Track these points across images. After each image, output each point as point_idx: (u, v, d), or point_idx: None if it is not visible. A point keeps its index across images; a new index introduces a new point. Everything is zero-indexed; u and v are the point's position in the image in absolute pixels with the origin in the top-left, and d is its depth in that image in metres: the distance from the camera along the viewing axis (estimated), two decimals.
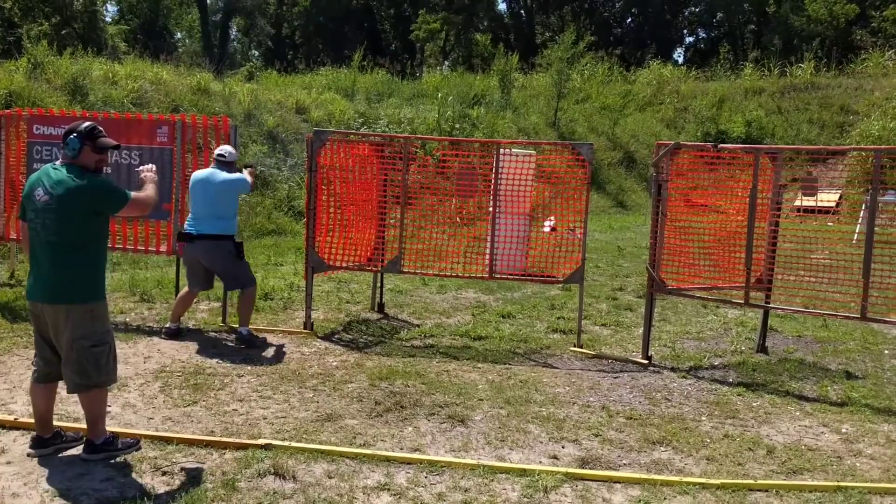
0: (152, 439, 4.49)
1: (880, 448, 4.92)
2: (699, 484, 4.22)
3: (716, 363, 6.79)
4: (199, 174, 6.86)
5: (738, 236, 6.80)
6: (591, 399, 5.69)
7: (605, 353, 7.00)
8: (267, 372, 6.00)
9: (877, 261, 6.03)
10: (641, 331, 6.97)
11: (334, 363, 6.32)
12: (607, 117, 25.56)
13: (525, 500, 3.98)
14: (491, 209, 7.53)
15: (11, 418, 4.71)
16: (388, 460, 4.38)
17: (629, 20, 47.03)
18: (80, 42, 22.18)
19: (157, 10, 38.29)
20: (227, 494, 3.90)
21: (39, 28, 24.02)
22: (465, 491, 4.05)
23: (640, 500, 4.03)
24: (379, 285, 8.44)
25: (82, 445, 4.31)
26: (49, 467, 4.11)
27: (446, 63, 42.25)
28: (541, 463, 4.47)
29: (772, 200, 6.72)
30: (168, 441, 4.46)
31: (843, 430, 5.21)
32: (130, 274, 9.54)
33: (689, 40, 48.22)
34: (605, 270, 11.55)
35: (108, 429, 4.56)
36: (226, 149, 6.91)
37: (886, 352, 7.38)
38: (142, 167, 4.65)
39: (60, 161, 4.21)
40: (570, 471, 4.32)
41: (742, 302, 6.76)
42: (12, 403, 5.05)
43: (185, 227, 6.84)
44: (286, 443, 4.52)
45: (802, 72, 28.58)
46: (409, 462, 4.37)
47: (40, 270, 4.14)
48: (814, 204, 9.33)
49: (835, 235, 8.87)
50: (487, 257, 7.50)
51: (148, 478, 4.04)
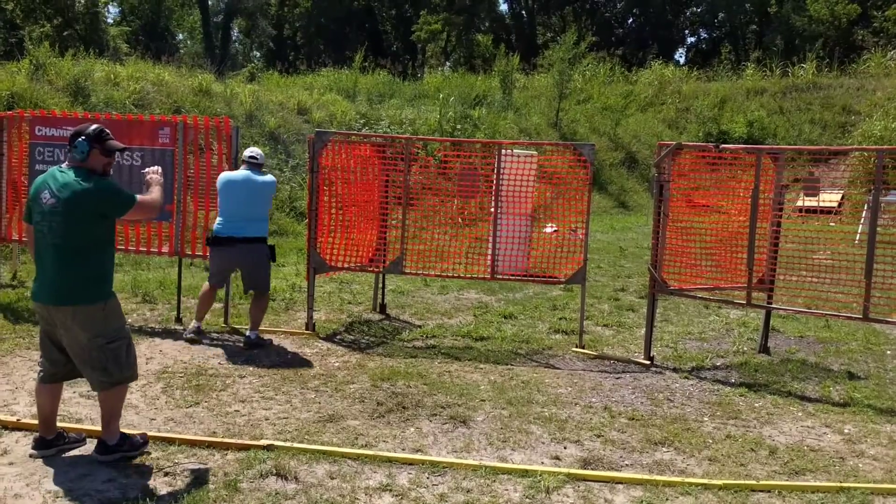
0: (154, 440, 4.49)
1: (883, 449, 4.92)
2: (701, 485, 4.22)
3: (718, 364, 6.79)
4: (233, 176, 6.76)
5: (739, 237, 6.80)
6: (594, 400, 5.69)
7: (607, 353, 7.00)
8: (269, 373, 6.01)
9: (879, 261, 6.03)
10: (643, 331, 6.97)
11: (336, 364, 6.32)
12: (609, 118, 25.55)
13: (527, 500, 3.98)
14: (492, 210, 7.53)
15: (14, 419, 4.71)
16: (389, 461, 4.38)
17: (630, 20, 47.04)
18: (81, 43, 22.22)
19: (159, 12, 38.31)
20: (229, 495, 3.90)
21: (41, 29, 24.05)
22: (467, 492, 4.05)
23: (642, 501, 4.03)
24: (381, 286, 8.45)
25: (94, 445, 4.29)
26: (51, 468, 4.12)
27: (447, 64, 42.27)
28: (543, 464, 4.46)
29: (774, 201, 6.71)
30: (170, 442, 4.46)
31: (846, 431, 5.21)
32: (132, 275, 9.55)
33: (690, 40, 48.27)
34: (607, 271, 11.54)
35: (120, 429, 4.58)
36: (256, 151, 6.89)
37: (889, 352, 7.37)
38: (147, 169, 4.61)
39: (66, 164, 4.19)
40: (572, 471, 4.32)
41: (744, 302, 6.76)
42: (14, 405, 5.06)
43: (218, 229, 6.71)
44: (288, 443, 4.52)
45: (804, 72, 28.56)
46: (410, 463, 4.37)
47: (46, 273, 4.13)
48: (816, 204, 9.32)
49: (837, 236, 8.87)
50: (489, 258, 7.50)
51: (150, 479, 4.04)
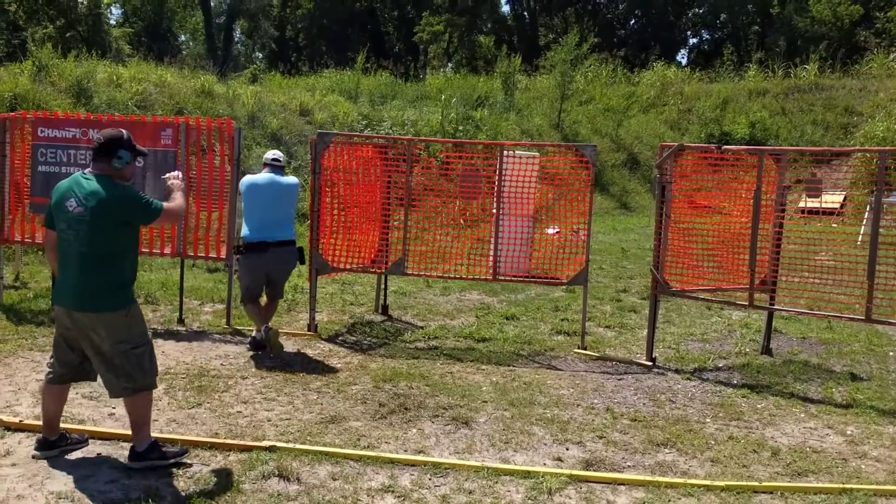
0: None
1: (885, 450, 4.91)
2: (704, 486, 4.22)
3: (720, 365, 6.78)
4: (256, 180, 6.57)
5: (742, 238, 6.79)
6: (596, 401, 5.69)
7: (610, 354, 6.99)
8: (271, 374, 6.01)
9: (881, 262, 6.02)
10: (645, 332, 6.96)
11: (338, 365, 6.33)
12: (611, 119, 25.54)
13: (529, 501, 3.98)
14: (494, 211, 7.53)
15: (17, 420, 4.71)
16: (392, 462, 4.38)
17: (633, 22, 47.01)
18: (84, 45, 22.25)
19: (161, 13, 38.41)
20: (231, 496, 3.91)
21: (44, 31, 24.12)
22: (470, 493, 4.05)
23: (644, 502, 4.03)
24: (383, 287, 8.45)
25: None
26: (54, 469, 4.12)
27: (450, 65, 42.30)
28: (545, 465, 4.46)
29: (776, 202, 6.71)
30: (172, 443, 4.46)
31: (849, 432, 5.20)
32: None
33: (692, 42, 48.22)
34: (609, 272, 11.54)
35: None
36: (279, 154, 6.81)
37: (891, 353, 7.36)
38: (168, 175, 4.55)
39: (91, 170, 4.14)
40: (575, 473, 4.32)
41: (746, 303, 6.76)
42: (17, 405, 5.06)
43: (248, 235, 6.45)
44: (290, 445, 4.53)
45: (807, 73, 28.53)
46: (413, 464, 4.37)
47: (70, 279, 4.10)
48: (818, 205, 9.31)
49: (839, 237, 8.86)
50: (491, 259, 7.50)
51: (152, 479, 4.04)
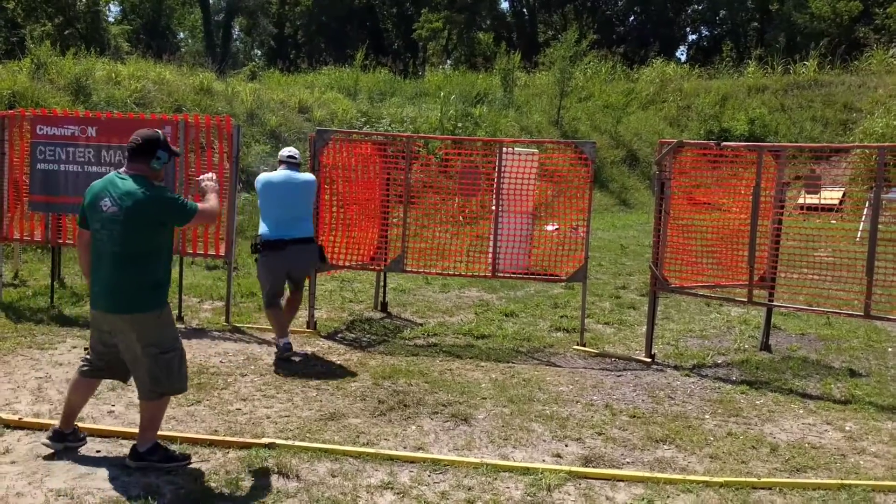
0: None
1: (884, 446, 4.92)
2: (702, 482, 4.23)
3: (719, 361, 6.78)
4: (272, 177, 6.50)
5: (741, 234, 6.80)
6: (595, 397, 5.69)
7: (609, 351, 7.00)
8: (270, 371, 6.01)
9: (880, 258, 6.03)
10: (645, 329, 6.97)
11: (337, 362, 6.33)
12: (610, 115, 25.52)
13: (528, 498, 3.99)
14: (494, 208, 7.53)
15: (16, 418, 4.72)
16: (391, 459, 4.38)
17: (632, 18, 46.92)
18: (82, 42, 22.20)
19: (160, 10, 38.32)
20: (230, 493, 3.91)
21: (42, 28, 24.06)
22: (469, 489, 4.05)
23: (643, 499, 4.03)
24: (382, 284, 8.46)
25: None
26: (53, 466, 4.12)
27: (449, 62, 42.20)
28: (544, 461, 4.47)
29: (775, 198, 6.71)
30: (172, 440, 4.46)
31: (847, 428, 5.21)
32: None
33: (692, 38, 48.12)
34: (608, 269, 11.54)
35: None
36: (294, 151, 6.73)
37: (890, 349, 7.36)
38: (202, 176, 4.55)
39: (125, 170, 4.14)
40: (574, 469, 4.33)
41: (745, 300, 6.76)
42: (17, 403, 5.07)
43: (265, 233, 6.36)
44: (290, 442, 4.53)
45: (806, 69, 28.47)
46: (412, 461, 4.38)
47: (104, 280, 4.09)
48: (817, 202, 9.31)
49: (838, 233, 8.87)
50: (490, 256, 7.50)
51: (152, 477, 4.05)
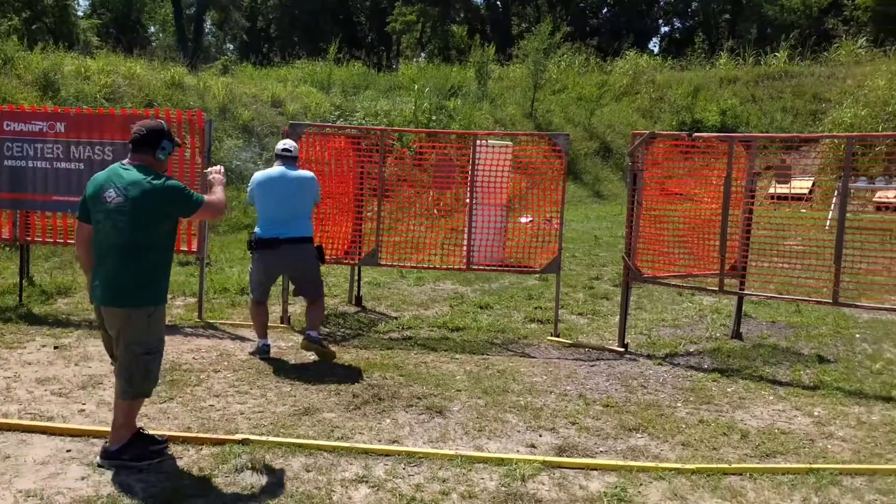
0: None
1: (851, 430, 5.01)
2: (675, 469, 4.27)
3: (691, 350, 6.86)
4: (269, 174, 6.22)
5: (712, 224, 6.86)
6: (568, 387, 5.73)
7: (582, 341, 7.04)
8: (244, 367, 5.98)
9: (848, 246, 6.12)
10: (618, 319, 7.02)
11: (311, 357, 6.30)
12: (584, 108, 25.64)
13: (503, 488, 4.00)
14: (468, 200, 7.53)
15: None
16: (366, 452, 4.38)
17: (605, 10, 47.15)
18: (51, 37, 21.89)
19: (130, 4, 37.86)
20: (204, 490, 3.88)
21: (10, 23, 23.58)
22: (444, 481, 4.06)
23: (616, 487, 4.07)
24: (356, 278, 8.43)
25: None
26: (22, 467, 4.06)
27: (423, 55, 42.13)
28: (518, 452, 4.49)
29: (746, 188, 6.78)
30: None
31: (816, 414, 5.30)
32: None
33: (664, 30, 48.54)
34: (582, 260, 11.61)
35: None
36: (290, 143, 6.40)
37: (857, 336, 7.49)
38: (210, 169, 4.48)
39: (129, 161, 4.08)
40: (548, 459, 4.35)
41: (717, 289, 6.83)
42: None
43: (259, 231, 6.17)
44: (263, 437, 4.51)
45: (776, 60, 28.81)
46: (387, 454, 4.38)
47: (106, 273, 4.02)
48: (787, 191, 9.42)
49: (807, 222, 8.98)
50: (465, 248, 7.51)
51: (124, 475, 4.00)
